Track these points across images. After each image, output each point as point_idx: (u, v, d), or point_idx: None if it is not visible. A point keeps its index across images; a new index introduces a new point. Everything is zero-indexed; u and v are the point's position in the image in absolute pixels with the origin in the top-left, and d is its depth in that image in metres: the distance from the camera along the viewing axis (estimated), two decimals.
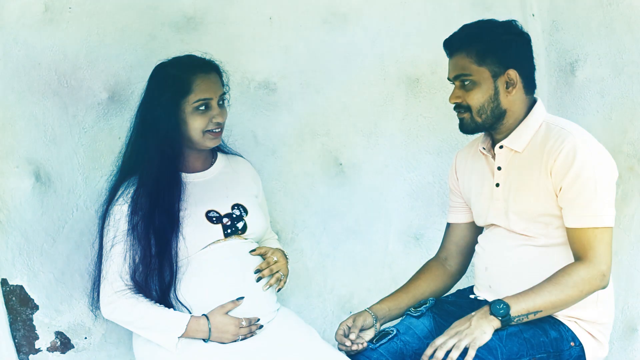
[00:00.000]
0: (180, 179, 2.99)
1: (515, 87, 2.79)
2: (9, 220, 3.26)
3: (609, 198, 2.69)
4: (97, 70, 3.38)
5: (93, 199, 3.32)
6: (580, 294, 2.66)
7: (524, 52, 2.83)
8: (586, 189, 2.66)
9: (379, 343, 2.88)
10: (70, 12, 3.29)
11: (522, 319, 2.64)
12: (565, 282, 2.65)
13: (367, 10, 3.53)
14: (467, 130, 2.86)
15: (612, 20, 3.25)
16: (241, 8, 3.50)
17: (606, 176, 2.69)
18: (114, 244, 2.92)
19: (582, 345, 2.77)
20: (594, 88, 3.37)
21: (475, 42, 2.77)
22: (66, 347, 3.37)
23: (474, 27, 2.83)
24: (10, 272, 3.27)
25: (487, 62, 2.77)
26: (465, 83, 2.80)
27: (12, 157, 3.27)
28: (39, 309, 3.32)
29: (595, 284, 2.67)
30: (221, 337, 2.87)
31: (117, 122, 3.42)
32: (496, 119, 2.82)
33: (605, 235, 2.68)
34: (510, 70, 2.77)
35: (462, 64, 2.80)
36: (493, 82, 2.78)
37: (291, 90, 3.60)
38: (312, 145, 3.61)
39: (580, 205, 2.68)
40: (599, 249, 2.67)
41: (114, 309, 2.90)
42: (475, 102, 2.80)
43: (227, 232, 2.98)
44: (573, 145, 2.68)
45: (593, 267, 2.66)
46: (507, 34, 2.80)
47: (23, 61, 3.25)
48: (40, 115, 3.31)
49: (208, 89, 2.97)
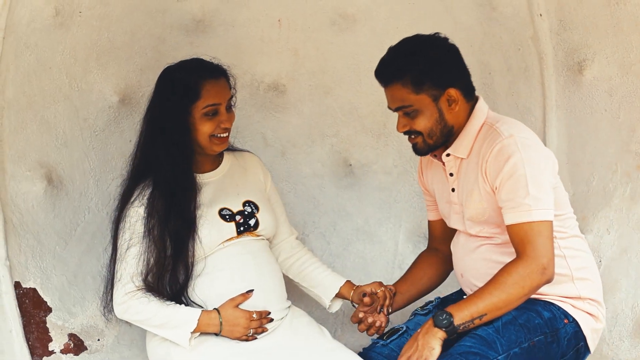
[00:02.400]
0: (195, 180, 3.00)
1: (457, 102, 2.78)
2: (22, 223, 3.28)
3: (542, 192, 2.67)
4: (108, 74, 3.40)
5: (104, 202, 3.34)
6: (522, 291, 2.63)
7: (456, 66, 2.81)
8: (517, 186, 2.66)
9: (390, 339, 2.93)
10: (81, 16, 3.30)
11: (468, 325, 2.64)
12: (505, 281, 2.64)
13: (375, 11, 3.54)
14: (422, 153, 2.88)
15: (620, 20, 3.25)
16: (250, 10, 3.51)
17: (538, 171, 2.68)
18: (129, 246, 2.92)
19: (576, 320, 2.77)
20: (601, 87, 3.36)
21: (408, 72, 2.73)
22: (79, 349, 3.39)
23: (403, 54, 2.77)
24: (23, 275, 3.29)
25: (424, 88, 2.74)
26: (408, 112, 2.79)
27: (24, 161, 3.28)
28: (52, 312, 3.34)
29: (537, 279, 2.64)
30: (232, 331, 2.88)
31: (127, 125, 3.44)
32: (447, 136, 2.83)
33: (542, 229, 2.65)
34: (449, 89, 2.76)
35: (400, 96, 2.77)
36: (435, 105, 2.77)
37: (300, 92, 3.62)
38: (321, 146, 3.62)
39: (513, 203, 2.68)
40: (536, 243, 2.64)
41: (127, 309, 2.91)
42: (422, 128, 2.79)
43: (240, 230, 3.00)
44: (501, 144, 2.69)
45: (532, 262, 2.63)
46: (436, 53, 2.77)
47: (34, 65, 3.26)
48: (52, 119, 3.33)
49: (217, 95, 2.96)
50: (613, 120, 3.36)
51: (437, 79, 2.74)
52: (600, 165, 3.41)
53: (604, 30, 3.31)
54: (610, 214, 3.40)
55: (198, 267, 2.94)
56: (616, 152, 3.37)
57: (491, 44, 3.50)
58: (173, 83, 2.97)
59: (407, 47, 2.80)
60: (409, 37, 2.84)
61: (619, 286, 3.37)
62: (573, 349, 2.77)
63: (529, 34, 3.45)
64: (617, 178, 3.37)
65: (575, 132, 3.45)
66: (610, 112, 3.36)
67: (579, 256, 2.83)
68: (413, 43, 2.80)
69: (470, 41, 3.51)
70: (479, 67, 3.53)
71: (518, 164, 2.66)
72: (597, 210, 3.42)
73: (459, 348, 2.64)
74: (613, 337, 3.37)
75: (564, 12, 3.37)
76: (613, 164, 3.38)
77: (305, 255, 3.27)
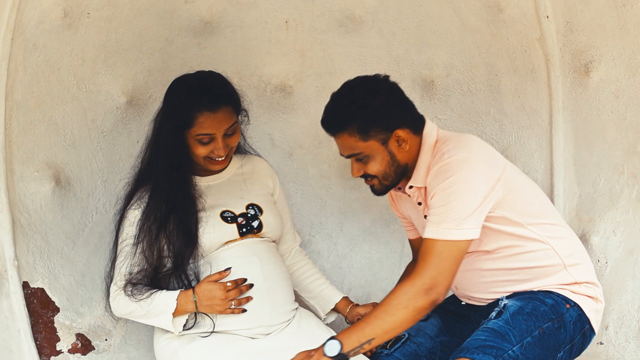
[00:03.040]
0: (193, 183, 3.01)
1: (407, 140, 2.78)
2: (30, 223, 3.30)
3: (464, 212, 2.63)
4: (115, 75, 3.41)
5: (112, 202, 3.35)
6: (406, 311, 2.60)
7: (400, 106, 2.81)
8: (438, 204, 2.66)
9: (393, 348, 2.94)
10: (89, 18, 3.31)
11: (358, 351, 2.63)
12: (390, 303, 2.62)
13: (382, 13, 3.54)
14: (380, 193, 2.89)
15: (626, 22, 3.26)
16: (257, 12, 3.51)
17: (467, 190, 2.65)
18: (125, 246, 2.96)
19: (577, 304, 2.78)
20: (608, 89, 3.37)
21: (353, 121, 2.73)
22: (87, 349, 3.40)
23: (346, 104, 2.76)
24: (31, 275, 3.31)
25: (371, 135, 2.74)
26: (360, 159, 2.80)
27: (32, 162, 3.30)
28: (60, 312, 3.36)
29: (420, 299, 2.60)
30: (212, 305, 2.88)
31: (135, 126, 3.45)
32: (402, 174, 2.84)
33: (444, 249, 2.62)
34: (397, 130, 2.76)
35: (349, 144, 2.78)
36: (385, 148, 2.77)
37: (307, 93, 3.62)
38: (328, 147, 3.63)
39: (430, 218, 2.68)
40: (429, 262, 2.62)
41: (118, 304, 2.96)
42: (376, 172, 2.80)
43: (242, 232, 3.00)
44: (437, 167, 2.70)
45: (418, 280, 2.61)
46: (380, 98, 2.75)
47: (42, 66, 3.28)
48: (60, 119, 3.34)
49: (211, 126, 2.91)
50: (619, 121, 3.37)
51: (384, 124, 2.75)
52: (607, 167, 3.42)
53: (611, 32, 3.31)
54: (616, 215, 3.40)
55: (203, 268, 2.96)
56: (622, 154, 3.37)
57: (498, 45, 3.51)
58: (173, 103, 2.96)
59: (350, 95, 2.79)
60: (351, 83, 2.84)
61: (625, 287, 3.37)
62: (579, 332, 2.78)
63: (535, 36, 3.45)
64: (624, 179, 3.38)
65: (582, 133, 3.46)
66: (617, 114, 3.37)
67: (565, 243, 2.83)
68: (355, 90, 2.79)
69: (477, 43, 3.53)
70: (486, 68, 3.54)
71: (448, 183, 2.66)
72: (604, 211, 3.43)
73: (474, 342, 2.64)
74: (619, 339, 3.38)
75: (571, 14, 3.37)
76: (619, 165, 3.38)
77: (305, 265, 3.29)
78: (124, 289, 2.93)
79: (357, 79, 2.86)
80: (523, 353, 2.63)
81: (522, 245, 2.78)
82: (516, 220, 2.76)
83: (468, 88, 3.58)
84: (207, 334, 2.92)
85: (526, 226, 2.77)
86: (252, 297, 2.92)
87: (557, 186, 3.50)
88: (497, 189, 2.70)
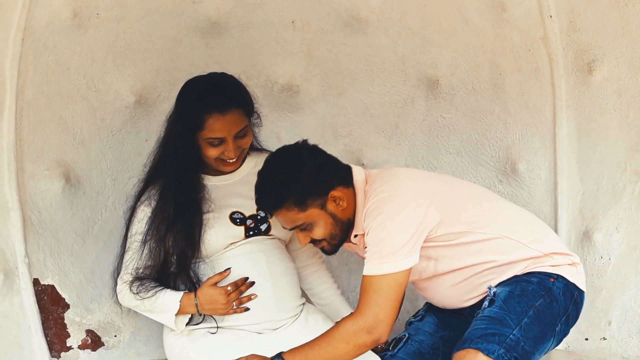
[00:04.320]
0: (201, 187, 3.02)
1: (343, 197, 2.81)
2: (40, 221, 3.33)
3: (396, 248, 2.69)
4: (124, 74, 3.43)
5: (121, 200, 3.37)
6: (347, 346, 2.67)
7: (328, 169, 2.84)
8: (371, 242, 2.72)
9: (397, 347, 2.97)
10: (98, 18, 3.33)
11: None
12: (333, 335, 2.69)
13: (387, 13, 3.55)
14: (332, 253, 2.93)
15: (629, 21, 3.28)
16: (264, 12, 3.52)
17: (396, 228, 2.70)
18: (133, 242, 2.99)
19: (560, 275, 2.81)
20: (611, 87, 3.38)
21: (288, 197, 2.75)
22: (97, 345, 3.43)
23: (276, 183, 2.78)
24: (41, 272, 3.34)
25: (308, 204, 2.77)
26: (304, 228, 2.82)
27: (42, 160, 3.33)
28: (70, 308, 3.39)
29: (362, 337, 2.66)
30: (215, 309, 2.91)
31: (143, 124, 3.47)
32: (347, 230, 2.86)
33: (382, 284, 2.67)
34: (331, 192, 2.79)
35: (290, 219, 2.80)
36: (325, 212, 2.80)
37: (313, 93, 3.63)
38: (334, 146, 3.62)
39: (367, 259, 2.73)
40: (368, 300, 2.67)
41: (123, 298, 3.00)
42: (322, 235, 2.83)
43: (249, 234, 3.00)
44: (366, 210, 2.76)
45: (359, 319, 2.67)
46: (306, 168, 2.78)
47: (52, 66, 3.30)
48: (70, 118, 3.37)
49: (221, 129, 2.92)
50: (622, 120, 3.39)
51: (317, 191, 2.77)
52: (610, 165, 3.43)
53: (613, 31, 3.33)
54: (619, 212, 3.42)
55: (207, 269, 2.97)
56: (625, 152, 3.40)
57: (502, 45, 3.52)
58: (184, 105, 2.97)
59: (277, 172, 2.80)
60: (275, 159, 2.85)
61: (628, 284, 3.39)
62: (571, 301, 2.81)
63: (539, 35, 3.47)
64: (627, 177, 3.40)
65: (585, 131, 3.47)
66: (620, 112, 3.39)
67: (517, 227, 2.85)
68: (281, 166, 2.81)
69: (482, 42, 3.54)
70: (490, 67, 3.55)
71: (377, 221, 2.71)
72: (607, 208, 3.45)
73: (475, 332, 2.66)
74: (622, 334, 3.40)
75: (574, 14, 3.39)
76: (622, 163, 3.40)
77: (319, 270, 3.26)
78: (130, 286, 2.96)
79: (278, 153, 2.88)
80: (523, 334, 2.66)
81: (478, 249, 2.81)
82: (462, 231, 2.79)
83: (472, 87, 3.59)
84: (215, 329, 2.94)
85: (475, 231, 2.80)
86: (256, 295, 2.94)
87: (560, 184, 3.51)
88: (429, 214, 2.74)
